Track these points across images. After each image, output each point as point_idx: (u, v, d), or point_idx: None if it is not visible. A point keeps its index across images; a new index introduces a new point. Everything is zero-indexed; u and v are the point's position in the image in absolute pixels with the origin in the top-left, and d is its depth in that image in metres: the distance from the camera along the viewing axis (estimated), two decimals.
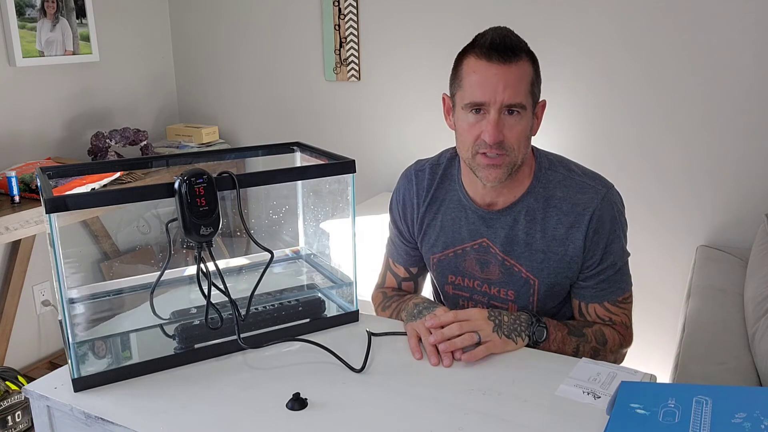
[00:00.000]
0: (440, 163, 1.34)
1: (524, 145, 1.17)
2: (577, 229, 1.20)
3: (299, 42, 2.73)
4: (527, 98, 1.14)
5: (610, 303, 1.25)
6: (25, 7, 2.38)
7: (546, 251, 1.23)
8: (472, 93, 1.14)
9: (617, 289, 1.25)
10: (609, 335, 1.24)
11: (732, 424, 0.81)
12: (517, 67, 1.13)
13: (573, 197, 1.21)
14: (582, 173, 1.25)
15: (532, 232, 1.23)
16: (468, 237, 1.28)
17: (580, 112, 2.26)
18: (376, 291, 1.46)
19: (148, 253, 2.76)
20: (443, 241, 1.31)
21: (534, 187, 1.23)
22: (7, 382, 2.08)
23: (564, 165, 1.26)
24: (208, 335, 1.10)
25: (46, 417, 1.03)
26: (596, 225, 1.20)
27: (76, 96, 2.66)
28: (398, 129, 2.60)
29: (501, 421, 0.93)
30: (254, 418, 0.94)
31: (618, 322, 1.26)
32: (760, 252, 1.76)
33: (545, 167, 1.25)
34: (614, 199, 1.23)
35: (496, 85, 1.12)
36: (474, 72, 1.14)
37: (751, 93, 2.02)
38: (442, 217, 1.31)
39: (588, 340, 1.21)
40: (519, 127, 1.15)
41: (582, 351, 1.19)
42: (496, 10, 2.30)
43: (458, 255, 1.30)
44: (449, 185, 1.31)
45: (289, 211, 1.37)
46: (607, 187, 1.23)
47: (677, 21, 2.07)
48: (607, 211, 1.21)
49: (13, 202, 2.05)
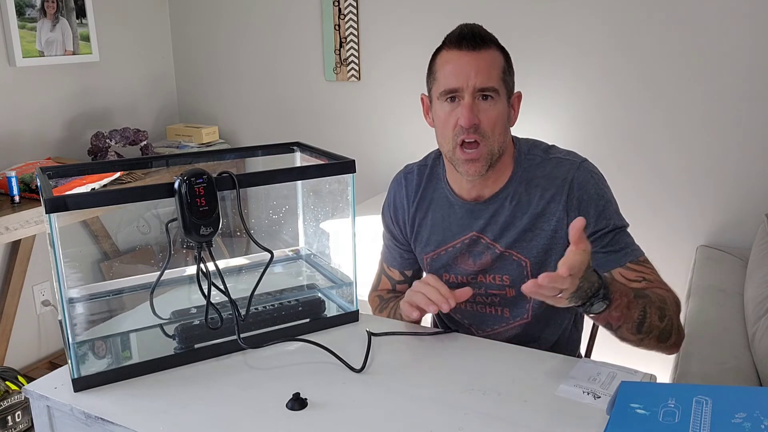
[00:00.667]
0: (426, 163, 1.37)
1: (500, 132, 1.19)
2: (557, 201, 1.21)
3: (299, 42, 2.73)
4: (499, 84, 1.18)
5: (632, 263, 1.19)
6: (25, 7, 2.38)
7: (533, 229, 1.23)
8: (446, 81, 1.19)
9: (632, 251, 1.20)
10: (665, 295, 1.15)
11: (732, 424, 0.81)
12: (488, 54, 1.18)
13: (551, 172, 1.23)
14: (558, 151, 1.28)
15: (519, 215, 1.24)
16: (458, 232, 1.29)
17: (580, 112, 2.26)
18: (371, 294, 1.48)
19: (148, 253, 2.76)
20: (435, 240, 1.32)
21: (516, 172, 1.26)
22: (7, 382, 2.08)
23: (541, 148, 1.29)
24: (208, 335, 1.10)
25: (46, 417, 1.03)
26: (578, 193, 1.20)
27: (76, 96, 2.66)
28: (398, 129, 2.60)
29: (501, 421, 0.93)
30: (254, 418, 0.94)
31: (655, 280, 1.18)
32: (760, 252, 1.76)
33: (524, 152, 1.27)
34: (591, 167, 1.24)
35: (468, 71, 1.16)
36: (446, 62, 1.19)
37: (751, 93, 2.02)
38: (432, 215, 1.33)
39: (652, 301, 1.11)
40: (493, 111, 1.18)
41: (649, 313, 1.09)
42: (496, 9, 2.30)
43: (449, 252, 1.31)
44: (436, 184, 1.33)
45: (289, 211, 1.37)
46: (581, 159, 1.25)
47: (677, 21, 2.07)
48: (585, 178, 1.21)
49: (13, 202, 2.05)
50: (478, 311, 1.33)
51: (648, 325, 1.09)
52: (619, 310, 1.05)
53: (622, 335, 1.10)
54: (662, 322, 1.10)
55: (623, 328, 1.08)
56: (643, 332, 1.09)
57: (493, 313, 1.32)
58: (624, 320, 1.06)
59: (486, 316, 1.33)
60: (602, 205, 1.21)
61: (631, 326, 1.08)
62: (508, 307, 1.30)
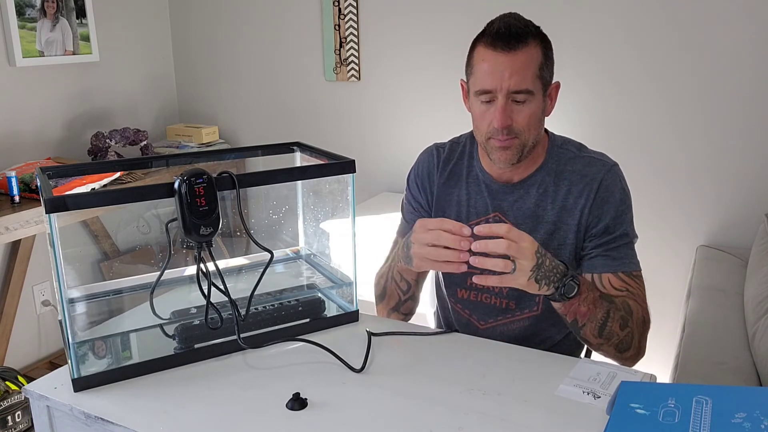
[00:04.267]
0: (461, 141, 1.39)
1: (534, 127, 1.21)
2: (584, 198, 1.25)
3: (299, 42, 2.73)
4: (534, 83, 1.18)
5: (624, 274, 1.23)
6: (25, 7, 2.38)
7: (556, 222, 1.26)
8: (481, 81, 1.19)
9: (630, 263, 1.24)
10: (633, 307, 1.20)
11: (732, 424, 0.81)
12: (523, 53, 1.17)
13: (582, 170, 1.27)
14: (591, 151, 1.32)
15: (543, 204, 1.27)
16: (482, 211, 1.32)
17: (580, 111, 2.26)
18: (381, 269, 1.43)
19: (148, 253, 2.76)
20: (456, 216, 1.33)
21: (547, 162, 1.29)
22: (7, 382, 2.08)
23: (575, 145, 1.33)
24: (208, 335, 1.10)
25: (46, 417, 1.03)
26: (604, 194, 1.24)
27: (76, 96, 2.66)
28: (398, 129, 2.60)
29: (501, 421, 0.93)
30: (254, 418, 0.94)
31: (637, 295, 1.23)
32: (760, 252, 1.76)
33: (557, 145, 1.31)
34: (620, 173, 1.29)
35: (502, 73, 1.17)
36: (482, 60, 1.20)
37: (751, 93, 2.02)
38: (459, 191, 1.34)
39: (618, 308, 1.16)
40: (527, 111, 1.19)
41: (612, 318, 1.14)
42: (496, 9, 2.29)
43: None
44: (468, 161, 1.35)
45: (289, 211, 1.37)
46: (613, 162, 1.29)
47: (678, 21, 2.07)
48: (614, 181, 1.26)
49: (13, 202, 2.06)
50: (482, 300, 1.33)
51: (609, 330, 1.15)
52: (587, 304, 1.12)
53: (584, 335, 1.16)
54: (623, 330, 1.16)
55: (587, 327, 1.14)
56: (604, 337, 1.15)
57: (497, 304, 1.31)
58: (589, 317, 1.12)
59: (488, 306, 1.32)
60: (622, 210, 1.25)
61: (593, 326, 1.14)
62: (515, 300, 1.30)
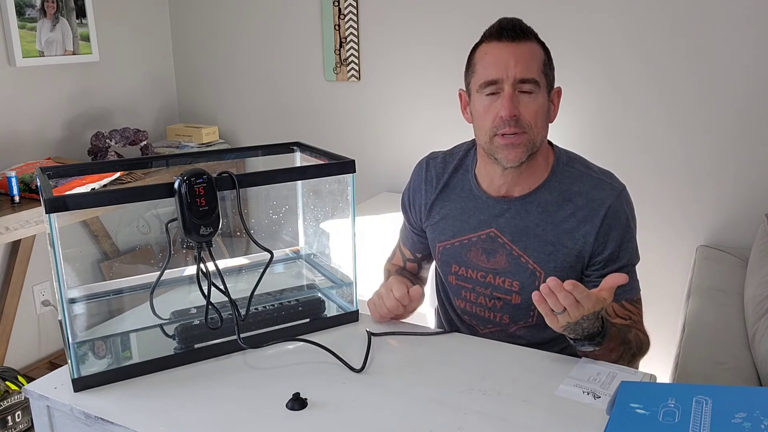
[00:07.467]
0: (454, 153, 1.36)
1: (541, 125, 1.18)
2: (590, 224, 1.21)
3: (299, 42, 2.73)
4: (540, 76, 1.16)
5: (628, 302, 1.23)
6: (25, 7, 2.38)
7: (556, 243, 1.23)
8: (486, 72, 1.17)
9: (632, 289, 1.23)
10: (643, 341, 1.21)
11: (732, 424, 0.81)
12: (528, 46, 1.16)
13: (589, 192, 1.22)
14: (599, 171, 1.27)
15: (544, 224, 1.23)
16: (476, 227, 1.28)
17: (581, 112, 2.26)
18: (386, 264, 1.52)
19: (148, 253, 2.76)
20: (451, 230, 1.31)
21: (550, 180, 1.24)
22: (7, 382, 2.08)
23: (582, 162, 1.28)
24: (208, 335, 1.10)
25: (46, 417, 1.03)
26: (611, 221, 1.21)
27: (76, 96, 2.66)
28: (398, 129, 2.60)
29: (501, 421, 0.93)
30: (254, 418, 0.94)
31: (638, 321, 1.23)
32: (760, 252, 1.76)
33: (563, 162, 1.26)
34: (628, 198, 1.25)
35: (508, 61, 1.14)
36: (486, 53, 1.17)
37: (751, 93, 2.02)
38: (452, 206, 1.32)
39: (630, 347, 1.17)
40: (534, 104, 1.16)
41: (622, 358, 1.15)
42: (497, 9, 2.29)
43: (464, 245, 1.30)
44: (462, 175, 1.32)
45: (289, 211, 1.37)
46: (622, 186, 1.25)
47: (678, 21, 2.07)
48: (621, 208, 1.22)
49: (13, 202, 2.06)
50: (476, 312, 1.32)
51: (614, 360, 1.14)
52: (601, 350, 1.10)
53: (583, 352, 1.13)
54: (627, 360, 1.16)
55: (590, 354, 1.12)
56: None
57: (491, 318, 1.30)
58: (598, 357, 1.11)
59: (483, 317, 1.32)
60: (627, 238, 1.22)
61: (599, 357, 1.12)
62: (508, 314, 1.29)
